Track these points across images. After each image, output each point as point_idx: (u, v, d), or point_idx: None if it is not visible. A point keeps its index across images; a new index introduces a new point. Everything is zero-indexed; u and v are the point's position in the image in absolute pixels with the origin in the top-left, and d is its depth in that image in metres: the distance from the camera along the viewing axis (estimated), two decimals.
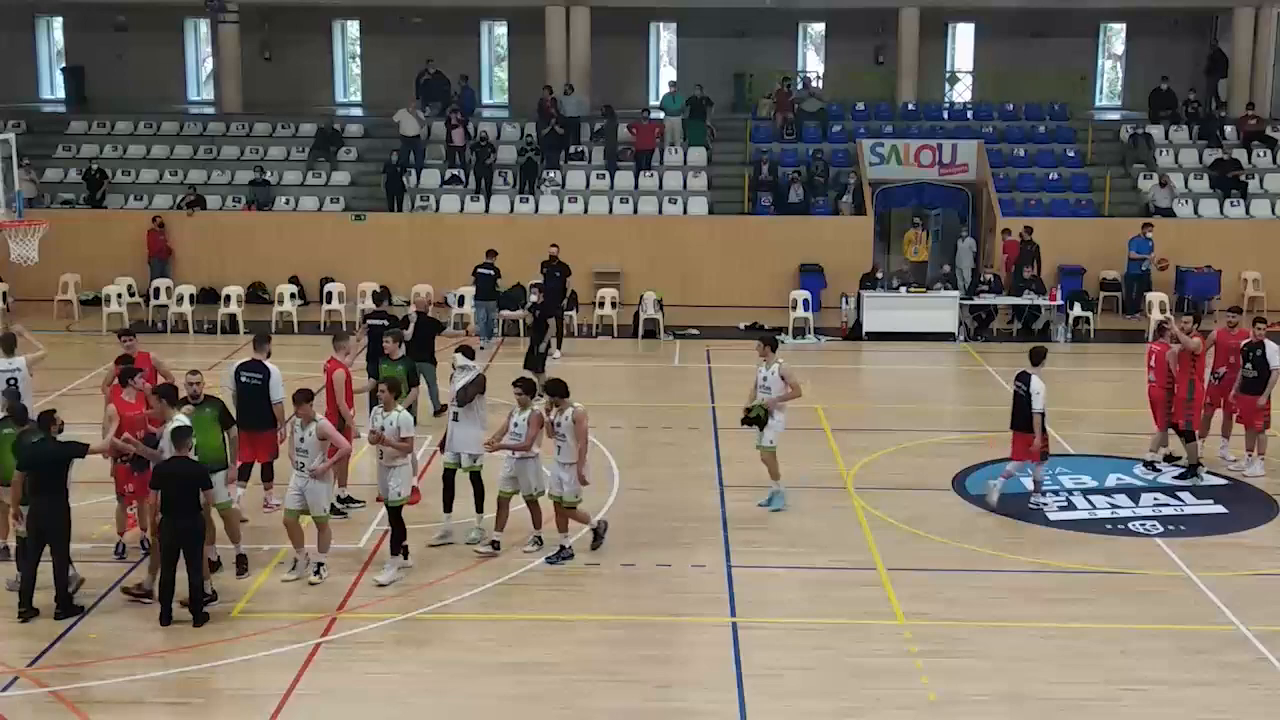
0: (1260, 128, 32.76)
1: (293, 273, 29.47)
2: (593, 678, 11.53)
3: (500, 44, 39.26)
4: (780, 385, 15.78)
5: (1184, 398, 17.06)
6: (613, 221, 30.43)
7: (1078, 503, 16.34)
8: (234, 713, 11.01)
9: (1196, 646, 12.26)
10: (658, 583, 13.73)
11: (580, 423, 14.12)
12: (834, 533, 15.22)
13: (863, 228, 30.22)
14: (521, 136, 32.52)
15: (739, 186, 31.44)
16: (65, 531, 12.61)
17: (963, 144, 31.61)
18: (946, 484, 17.08)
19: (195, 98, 39.33)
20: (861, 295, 26.85)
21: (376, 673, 11.64)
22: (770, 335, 17.24)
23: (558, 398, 14.30)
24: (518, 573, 13.87)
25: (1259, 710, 11.13)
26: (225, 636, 12.21)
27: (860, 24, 36.50)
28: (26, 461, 12.64)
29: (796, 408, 20.89)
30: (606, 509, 15.93)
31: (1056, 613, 13.00)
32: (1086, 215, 30.81)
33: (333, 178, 32.14)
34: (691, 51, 37.40)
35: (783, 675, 11.57)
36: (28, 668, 11.63)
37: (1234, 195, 30.77)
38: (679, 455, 18.36)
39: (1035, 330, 27.05)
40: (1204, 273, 28.87)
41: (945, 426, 20.44)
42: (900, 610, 12.96)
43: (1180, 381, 17.11)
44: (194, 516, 12.37)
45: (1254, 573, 14.16)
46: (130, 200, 31.59)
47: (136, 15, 37.42)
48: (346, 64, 39.85)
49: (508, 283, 26.37)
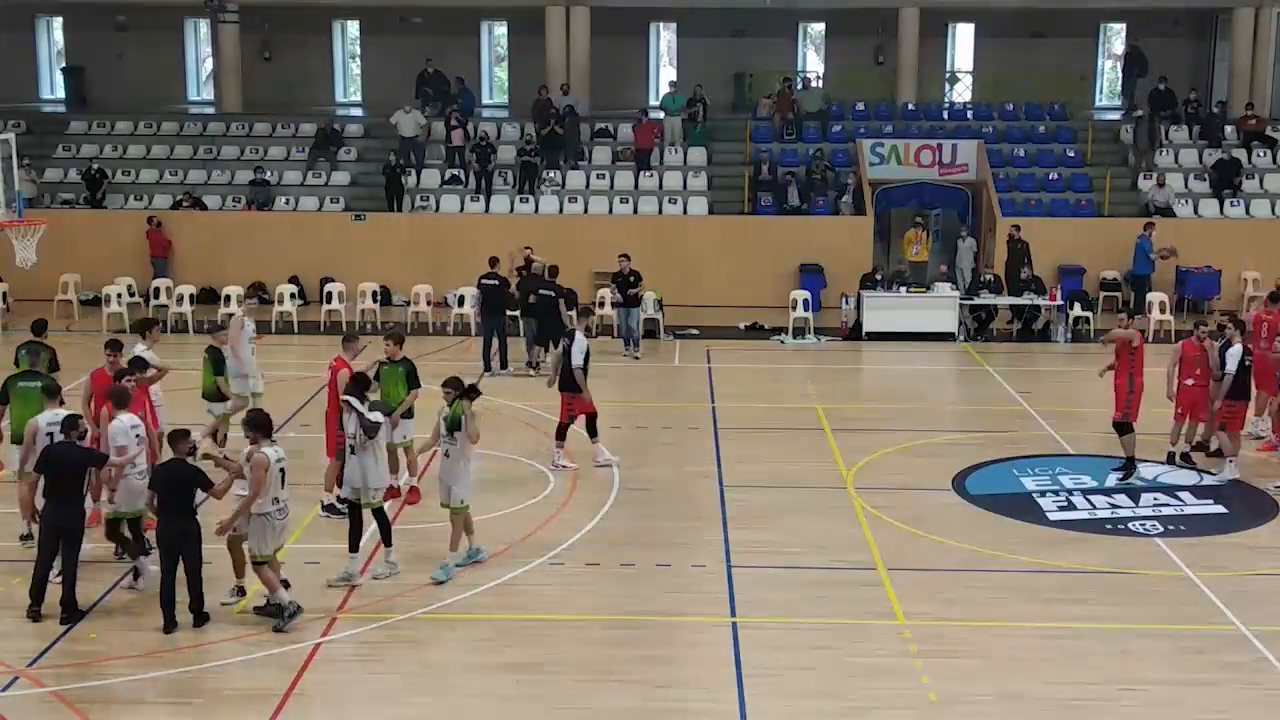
0: (1260, 128, 32.77)
1: (293, 273, 29.48)
2: (593, 678, 11.53)
3: (500, 44, 39.27)
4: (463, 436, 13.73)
5: (1125, 392, 17.07)
6: (613, 221, 30.43)
7: (1078, 503, 16.34)
8: (234, 713, 11.00)
9: (1196, 646, 12.26)
10: (658, 583, 13.73)
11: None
12: (834, 533, 15.21)
13: (863, 228, 30.23)
14: (521, 136, 32.53)
15: (739, 186, 31.45)
16: (79, 535, 12.61)
17: (963, 144, 31.62)
18: (946, 484, 17.08)
19: (195, 98, 39.35)
20: (861, 295, 26.85)
21: (376, 673, 11.64)
22: (460, 381, 14.17)
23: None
24: (518, 572, 13.87)
25: (1259, 710, 11.13)
26: (225, 636, 12.21)
27: (860, 24, 36.51)
28: (47, 463, 12.68)
29: (797, 407, 21.01)
30: (607, 509, 15.96)
31: (1056, 613, 13.00)
32: (1086, 215, 30.82)
33: (333, 178, 32.14)
34: (691, 51, 37.43)
35: (783, 675, 11.57)
36: (28, 668, 11.62)
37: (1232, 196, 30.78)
38: (679, 455, 18.36)
39: (1035, 330, 27.06)
40: (1204, 273, 28.88)
41: (945, 426, 20.43)
42: (900, 610, 12.96)
43: (1120, 374, 17.14)
44: (190, 518, 12.36)
45: (1254, 573, 14.16)
46: (130, 200, 31.61)
47: (136, 15, 37.43)
48: (346, 64, 39.86)
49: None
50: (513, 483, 16.88)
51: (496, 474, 17.29)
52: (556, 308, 23.31)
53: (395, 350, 16.30)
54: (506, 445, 18.54)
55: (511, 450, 18.30)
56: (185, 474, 12.42)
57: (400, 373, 16.10)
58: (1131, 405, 17.09)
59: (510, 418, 20.17)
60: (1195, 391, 17.61)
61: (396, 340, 16.44)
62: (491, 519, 15.42)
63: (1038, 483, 17.09)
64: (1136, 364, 17.13)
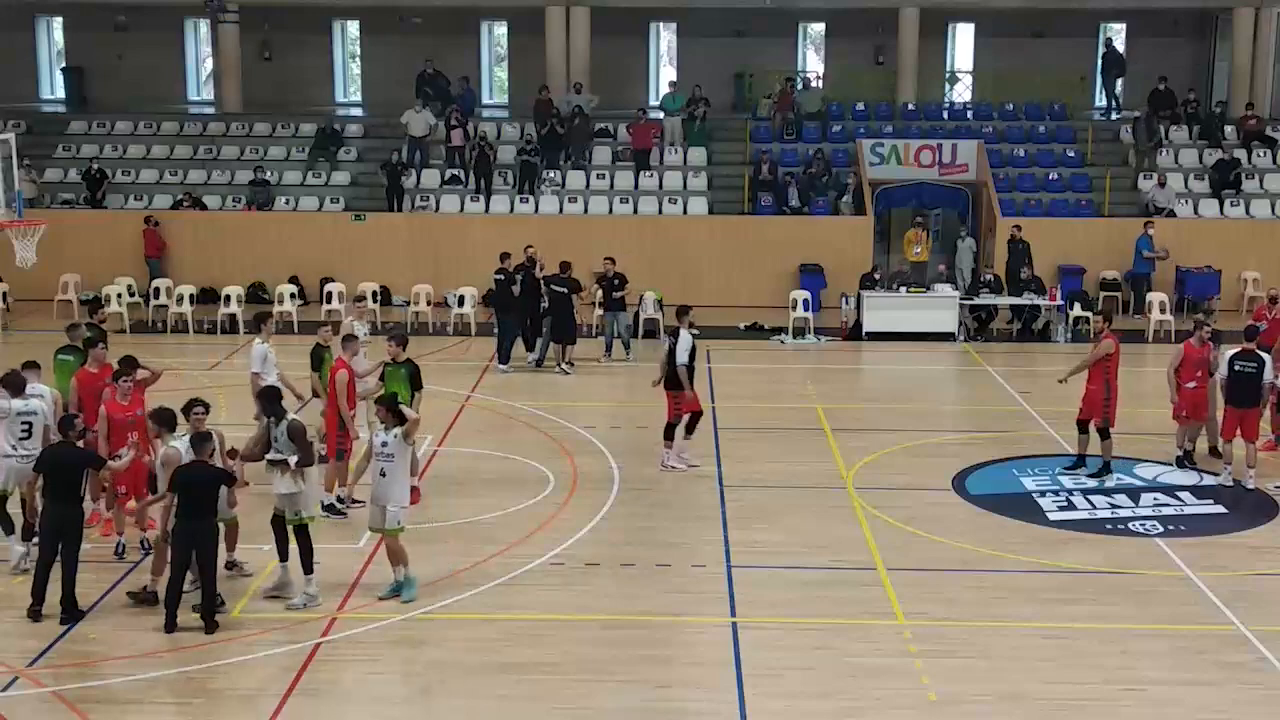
0: (1260, 128, 32.77)
1: (293, 273, 29.47)
2: (593, 678, 11.53)
3: (500, 44, 39.27)
4: (403, 450, 13.02)
5: (1101, 397, 17.04)
6: (613, 221, 30.42)
7: (1078, 503, 16.35)
8: (234, 713, 11.01)
9: (1196, 646, 12.26)
10: (658, 583, 13.73)
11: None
12: (834, 533, 15.21)
13: (863, 228, 30.23)
14: (521, 136, 32.53)
15: (739, 186, 31.45)
16: (78, 535, 12.61)
17: (963, 144, 31.62)
18: (946, 484, 17.08)
19: (195, 98, 39.34)
20: (861, 295, 26.85)
21: (376, 673, 11.65)
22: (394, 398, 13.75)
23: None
24: (517, 573, 13.86)
25: (1259, 710, 11.13)
26: (225, 636, 12.20)
27: (860, 24, 36.51)
28: (44, 465, 12.73)
29: (797, 407, 21.00)
30: (607, 509, 15.95)
31: (1056, 613, 13.00)
32: (1086, 215, 30.82)
33: (333, 178, 32.15)
34: (691, 51, 37.43)
35: (783, 675, 11.57)
36: (28, 668, 11.63)
37: (1232, 196, 30.77)
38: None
39: (1035, 330, 27.06)
40: (1204, 273, 28.88)
41: (945, 426, 20.44)
42: (900, 610, 12.96)
43: (1095, 380, 17.12)
44: (211, 519, 12.35)
45: (1254, 573, 14.16)
46: (130, 200, 31.60)
47: (136, 15, 37.42)
48: (346, 64, 39.86)
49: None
50: (513, 483, 16.88)
51: (497, 474, 17.30)
52: (570, 305, 23.36)
53: (398, 352, 16.27)
54: (507, 445, 18.56)
55: (512, 450, 18.30)
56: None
57: (403, 374, 16.08)
58: (1110, 410, 17.09)
59: (510, 417, 20.18)
60: (1197, 394, 17.58)
61: (399, 342, 16.39)
62: (491, 519, 15.45)
63: (1038, 483, 17.09)
64: (1112, 370, 17.13)
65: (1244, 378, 16.98)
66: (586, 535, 14.97)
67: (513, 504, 15.97)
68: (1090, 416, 17.24)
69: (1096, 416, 17.14)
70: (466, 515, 15.52)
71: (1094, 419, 17.20)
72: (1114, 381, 17.15)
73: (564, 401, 21.37)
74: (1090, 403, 17.20)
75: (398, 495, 12.93)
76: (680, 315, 18.07)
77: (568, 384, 22.77)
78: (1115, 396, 17.15)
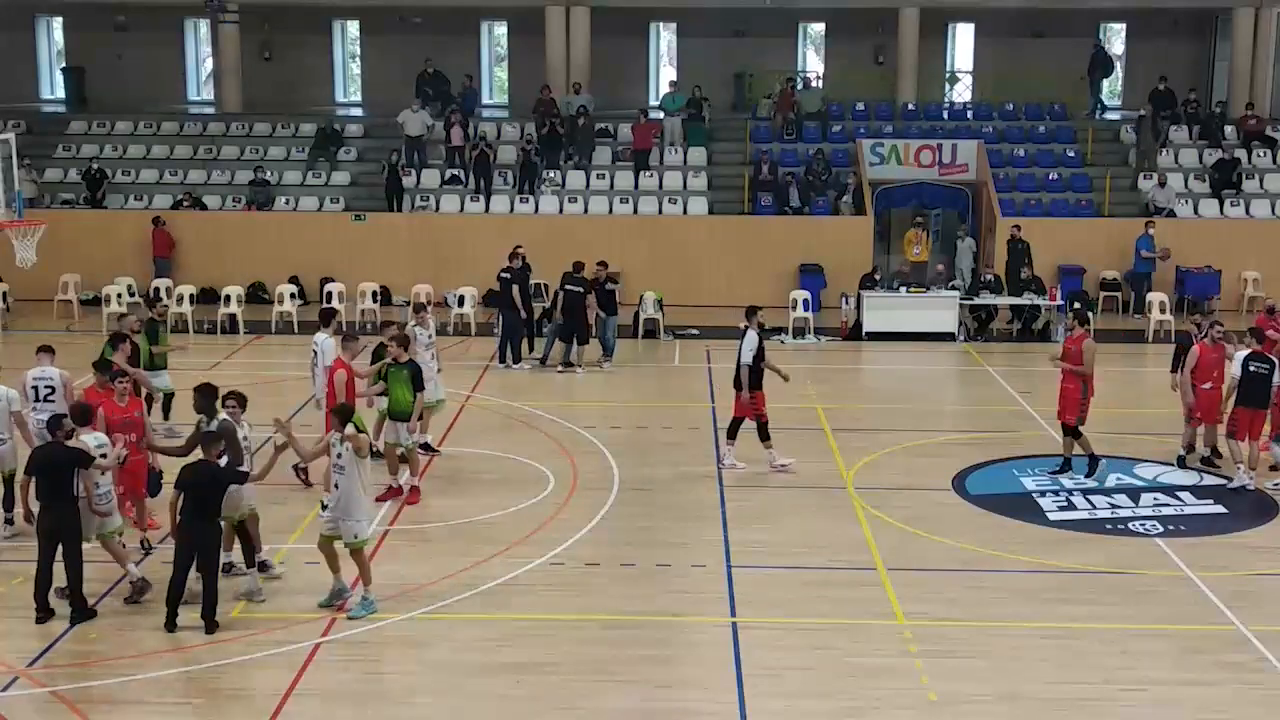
0: (1260, 128, 32.77)
1: (293, 273, 29.47)
2: (593, 678, 11.53)
3: (500, 44, 39.28)
4: (353, 463, 12.51)
5: (1078, 398, 17.00)
6: (613, 221, 30.44)
7: (1078, 503, 16.34)
8: (234, 713, 11.01)
9: (1196, 646, 12.26)
10: (658, 583, 13.73)
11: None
12: (834, 533, 15.21)
13: (863, 228, 30.23)
14: (521, 136, 32.53)
15: (739, 186, 31.45)
16: (77, 534, 12.60)
17: (963, 144, 31.63)
18: (946, 484, 17.08)
19: (195, 98, 39.36)
20: (861, 295, 26.85)
21: (376, 673, 11.65)
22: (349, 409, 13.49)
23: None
24: (517, 573, 13.86)
25: (1259, 710, 11.13)
26: (225, 636, 12.20)
27: (860, 24, 36.53)
28: (34, 466, 12.71)
29: (797, 407, 20.99)
30: (607, 509, 15.95)
31: (1056, 613, 13.00)
32: (1086, 215, 30.82)
33: (333, 178, 32.15)
34: (691, 51, 37.45)
35: (783, 675, 11.57)
36: (28, 668, 11.62)
37: (1232, 196, 30.78)
38: (679, 455, 18.35)
39: (1035, 330, 27.06)
40: (1204, 273, 28.88)
41: (945, 426, 20.44)
42: (900, 610, 12.96)
43: (1071, 379, 17.07)
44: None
45: (1254, 573, 14.16)
46: (130, 200, 31.61)
47: (136, 15, 37.43)
48: (346, 64, 39.87)
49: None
50: (513, 483, 16.87)
51: (497, 474, 17.31)
52: (583, 304, 23.34)
53: (400, 352, 16.25)
54: (507, 445, 18.55)
55: (511, 450, 18.30)
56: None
57: (405, 375, 16.05)
58: (1085, 410, 17.09)
59: (510, 417, 20.19)
60: (1212, 395, 17.51)
61: (401, 342, 16.37)
62: (491, 519, 15.45)
63: (1038, 483, 17.09)
64: (1090, 370, 17.13)
65: (1258, 379, 16.97)
66: (586, 535, 14.97)
67: (513, 504, 15.97)
68: (1065, 416, 17.20)
69: (1071, 415, 17.13)
70: (466, 515, 15.51)
71: (1067, 417, 17.18)
72: (1091, 382, 17.15)
73: (564, 401, 21.37)
74: (1067, 401, 17.17)
75: (353, 509, 12.50)
76: (749, 315, 17.91)
77: (567, 384, 22.77)
78: (1090, 397, 17.15)
